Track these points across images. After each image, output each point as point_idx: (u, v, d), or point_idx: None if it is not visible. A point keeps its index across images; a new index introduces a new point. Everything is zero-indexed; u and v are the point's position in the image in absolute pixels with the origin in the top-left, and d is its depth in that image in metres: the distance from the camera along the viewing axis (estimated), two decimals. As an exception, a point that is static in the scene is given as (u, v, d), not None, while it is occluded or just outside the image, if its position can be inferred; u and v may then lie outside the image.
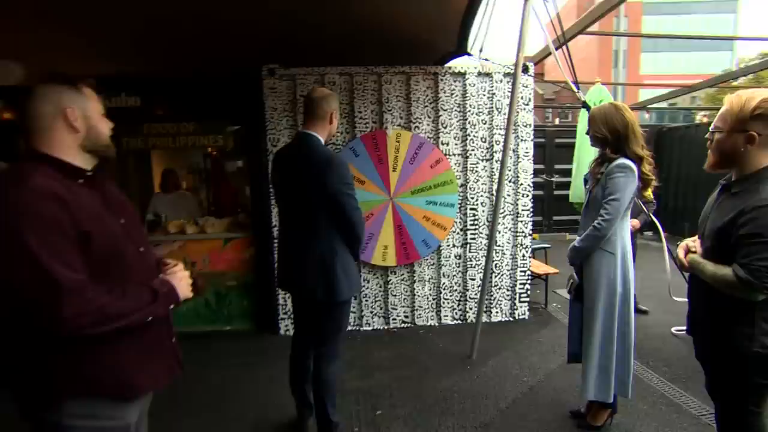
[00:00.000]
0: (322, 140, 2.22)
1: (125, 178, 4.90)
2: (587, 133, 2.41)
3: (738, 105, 1.50)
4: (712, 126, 1.61)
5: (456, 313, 4.26)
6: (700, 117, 15.80)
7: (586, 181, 2.60)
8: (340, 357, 2.38)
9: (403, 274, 4.16)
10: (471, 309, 4.23)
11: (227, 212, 4.57)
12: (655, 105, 10.00)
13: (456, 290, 4.23)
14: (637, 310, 4.33)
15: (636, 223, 3.93)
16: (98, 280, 1.20)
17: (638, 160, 2.25)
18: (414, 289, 4.16)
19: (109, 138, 1.38)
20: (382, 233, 4.00)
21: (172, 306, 1.40)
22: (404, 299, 4.19)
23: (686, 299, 1.81)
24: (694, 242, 1.75)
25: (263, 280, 4.07)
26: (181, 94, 3.96)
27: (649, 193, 2.42)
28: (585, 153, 3.93)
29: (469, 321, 4.19)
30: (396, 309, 4.18)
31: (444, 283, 4.19)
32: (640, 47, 37.05)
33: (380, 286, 4.15)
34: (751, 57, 19.82)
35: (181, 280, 1.44)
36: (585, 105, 3.92)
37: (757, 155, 1.52)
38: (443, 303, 4.22)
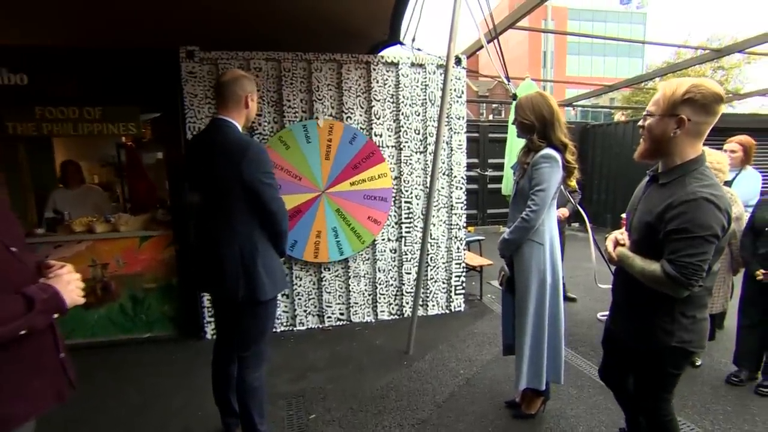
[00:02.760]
0: (239, 126, 2.08)
1: (15, 170, 4.30)
2: (514, 123, 2.44)
3: (670, 90, 1.53)
4: (645, 111, 1.62)
5: (393, 308, 4.23)
6: (618, 116, 17.25)
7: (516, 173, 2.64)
8: (265, 361, 2.23)
9: (337, 270, 4.05)
10: (407, 303, 4.21)
11: (145, 208, 4.21)
12: (580, 102, 10.68)
13: (392, 285, 4.20)
14: (566, 298, 4.56)
15: (565, 211, 4.11)
16: None
17: (563, 148, 2.30)
18: (349, 285, 4.07)
19: None
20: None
21: (56, 315, 1.20)
22: (339, 296, 4.09)
23: (611, 287, 1.87)
24: (622, 234, 1.77)
25: (186, 281, 3.80)
26: (83, 73, 3.51)
27: (572, 182, 2.50)
28: (516, 147, 4.02)
29: (406, 316, 4.18)
30: (331, 306, 4.07)
31: (380, 278, 4.14)
32: (566, 49, 39.62)
33: (314, 284, 4.02)
34: (658, 64, 22.07)
35: (68, 284, 1.23)
36: (514, 97, 4.05)
37: (684, 145, 1.55)
38: (379, 298, 4.17)
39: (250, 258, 2.02)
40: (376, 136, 3.96)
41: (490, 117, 28.23)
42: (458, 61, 4.09)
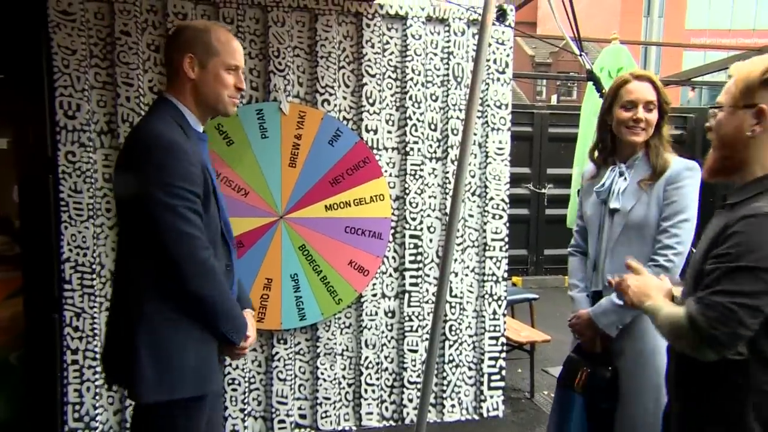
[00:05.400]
0: (186, 111, 2.18)
1: None
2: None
3: (744, 71, 1.74)
4: (715, 102, 1.85)
5: (386, 409, 4.42)
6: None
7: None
8: None
9: (298, 344, 4.24)
10: (411, 401, 4.40)
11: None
12: (705, 77, 10.92)
13: (387, 370, 4.40)
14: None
15: None
16: None
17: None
18: (317, 368, 4.26)
19: None
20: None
21: None
22: (300, 387, 4.27)
23: (664, 372, 2.03)
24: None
25: (42, 356, 3.89)
26: None
27: None
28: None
29: (408, 422, 4.36)
30: (285, 403, 4.23)
31: (367, 359, 4.33)
32: (687, -13, 40.34)
33: (258, 365, 4.21)
34: None
35: None
36: (591, 75, 4.36)
37: (766, 149, 1.73)
38: (366, 392, 4.35)
39: (128, 327, 2.02)
40: (368, 132, 4.24)
41: (554, 99, 28.50)
42: (501, 15, 4.32)
